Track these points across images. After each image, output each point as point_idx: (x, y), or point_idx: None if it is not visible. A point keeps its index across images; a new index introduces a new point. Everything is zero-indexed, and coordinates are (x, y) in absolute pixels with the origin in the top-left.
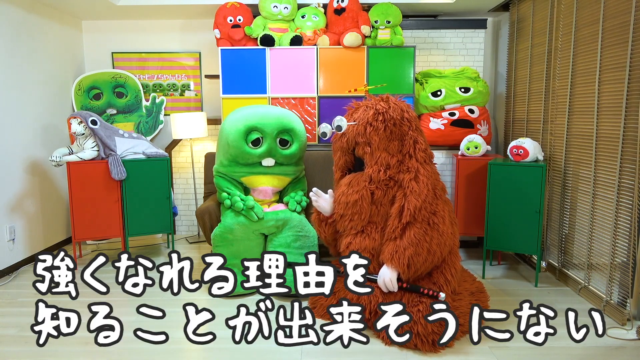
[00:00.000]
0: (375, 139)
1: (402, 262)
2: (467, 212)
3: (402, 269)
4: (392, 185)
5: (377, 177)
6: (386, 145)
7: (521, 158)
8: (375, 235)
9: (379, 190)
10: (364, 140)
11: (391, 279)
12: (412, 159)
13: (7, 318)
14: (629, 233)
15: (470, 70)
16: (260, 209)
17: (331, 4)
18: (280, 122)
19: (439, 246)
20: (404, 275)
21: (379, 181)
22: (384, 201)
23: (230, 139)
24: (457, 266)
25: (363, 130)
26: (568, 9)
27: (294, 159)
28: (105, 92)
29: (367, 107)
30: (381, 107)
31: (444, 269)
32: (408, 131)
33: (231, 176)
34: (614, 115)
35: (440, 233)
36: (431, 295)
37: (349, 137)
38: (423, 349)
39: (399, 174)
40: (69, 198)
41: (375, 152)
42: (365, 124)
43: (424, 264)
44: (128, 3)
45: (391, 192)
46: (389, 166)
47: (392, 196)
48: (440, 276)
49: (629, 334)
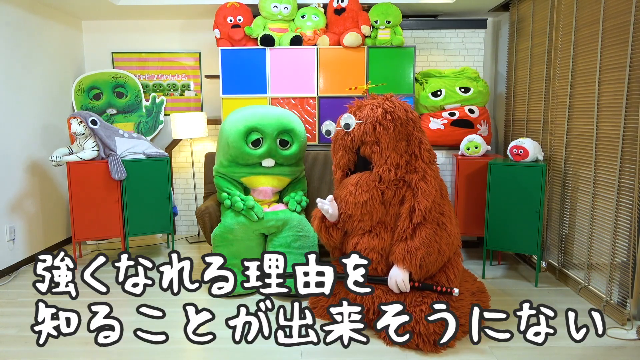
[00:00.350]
0: (385, 138)
1: (414, 263)
2: (467, 212)
3: (415, 269)
4: (402, 185)
5: (388, 176)
6: (395, 145)
7: (521, 158)
8: (385, 235)
9: (389, 190)
10: (372, 140)
11: (403, 279)
12: (418, 159)
13: (7, 318)
14: (629, 233)
15: (470, 70)
16: (260, 209)
17: (331, 4)
18: (281, 122)
19: (448, 246)
20: (416, 275)
21: (389, 181)
22: (394, 201)
23: (230, 140)
24: (460, 266)
25: (372, 129)
26: (568, 9)
27: (294, 160)
28: (105, 92)
29: (374, 106)
30: (388, 107)
31: (447, 269)
32: (413, 131)
33: (231, 176)
34: (614, 115)
35: (448, 233)
36: (445, 292)
37: (355, 136)
38: (424, 349)
39: (407, 174)
40: (69, 198)
41: (385, 152)
42: (375, 123)
43: (434, 264)
44: (128, 3)
45: (400, 192)
46: (399, 166)
47: (402, 196)
48: (443, 275)
49: (629, 334)
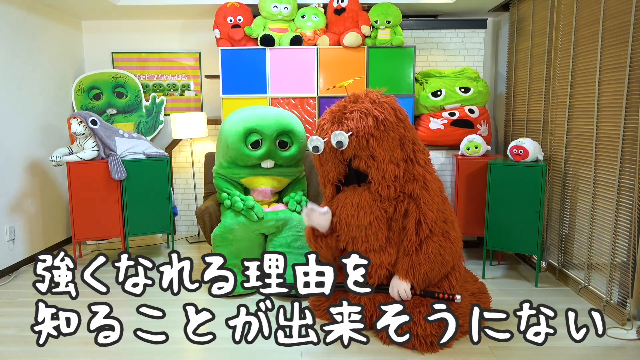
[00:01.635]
0: (379, 151)
1: (417, 277)
2: (467, 212)
3: (417, 283)
4: (403, 198)
5: (388, 193)
6: (390, 155)
7: (521, 158)
8: (391, 250)
9: (390, 207)
10: (367, 154)
11: (405, 289)
12: (414, 164)
13: (7, 318)
14: (629, 233)
15: (470, 70)
16: (260, 209)
17: (331, 4)
18: (280, 123)
19: (451, 255)
20: (419, 289)
21: (389, 198)
22: (396, 216)
23: (229, 141)
24: (461, 269)
25: (365, 143)
26: (568, 9)
27: (294, 161)
28: (105, 92)
29: (362, 113)
30: (379, 114)
31: (450, 274)
32: (405, 133)
33: (231, 177)
34: (614, 115)
35: (452, 241)
36: (447, 298)
37: (346, 150)
38: (421, 350)
39: (407, 183)
40: (69, 198)
41: (381, 165)
42: (367, 135)
43: (437, 276)
44: (128, 3)
45: (402, 205)
46: (397, 178)
47: (404, 210)
48: (445, 281)
49: (629, 334)
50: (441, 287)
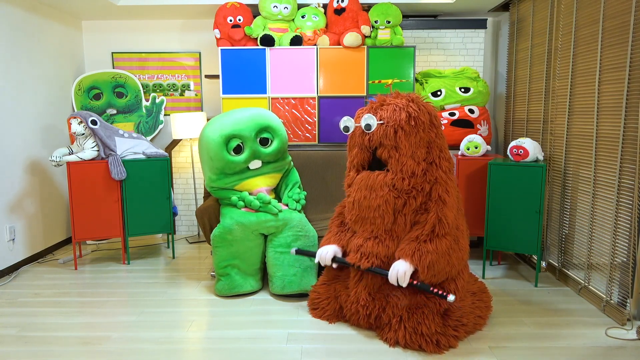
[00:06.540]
0: (404, 144)
1: (423, 261)
2: (467, 212)
3: (422, 268)
4: (415, 195)
5: (401, 185)
6: (413, 151)
7: (521, 158)
8: (390, 243)
9: (400, 199)
10: (392, 144)
11: (406, 272)
12: (438, 169)
13: (7, 318)
14: (629, 233)
15: (470, 70)
16: (276, 201)
17: (331, 4)
18: (256, 122)
19: (458, 260)
20: (422, 275)
21: (402, 190)
22: (404, 210)
23: (212, 153)
24: (466, 276)
25: (392, 133)
26: (568, 9)
27: (279, 154)
28: (105, 92)
29: (397, 107)
30: (413, 111)
31: (456, 278)
32: (435, 139)
33: (224, 187)
34: (614, 115)
35: (460, 247)
36: (440, 294)
37: (374, 137)
38: (427, 350)
39: (425, 183)
40: (69, 198)
41: (402, 158)
42: (397, 127)
43: (441, 272)
44: (128, 3)
45: (413, 202)
46: (414, 174)
47: (415, 207)
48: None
49: (629, 334)
50: (447, 289)
